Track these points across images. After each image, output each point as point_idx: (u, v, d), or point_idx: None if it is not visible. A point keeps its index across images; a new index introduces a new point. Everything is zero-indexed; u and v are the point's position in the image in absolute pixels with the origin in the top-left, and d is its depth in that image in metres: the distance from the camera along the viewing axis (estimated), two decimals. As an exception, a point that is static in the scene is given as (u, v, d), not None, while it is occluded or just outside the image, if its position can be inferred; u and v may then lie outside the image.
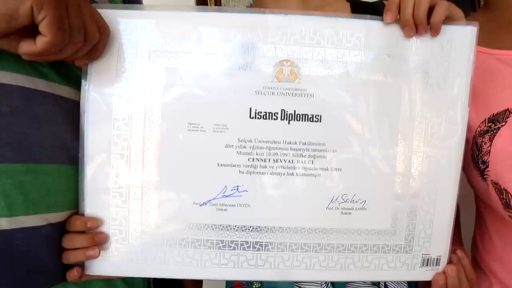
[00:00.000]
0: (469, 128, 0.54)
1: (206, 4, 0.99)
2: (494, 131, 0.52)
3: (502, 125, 0.51)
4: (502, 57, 0.55)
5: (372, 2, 0.68)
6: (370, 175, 0.47)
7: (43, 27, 0.35)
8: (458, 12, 0.47)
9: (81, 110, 0.45)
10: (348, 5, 0.65)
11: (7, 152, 0.39)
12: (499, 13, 0.60)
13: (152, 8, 0.47)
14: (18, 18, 0.34)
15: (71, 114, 0.45)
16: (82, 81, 0.45)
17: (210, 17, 0.45)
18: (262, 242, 0.47)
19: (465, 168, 0.58)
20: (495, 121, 0.52)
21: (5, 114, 0.40)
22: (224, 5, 1.00)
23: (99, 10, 0.43)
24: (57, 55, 0.39)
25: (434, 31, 0.46)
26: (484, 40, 0.59)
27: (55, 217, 0.43)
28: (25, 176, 0.40)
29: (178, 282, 0.63)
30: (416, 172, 0.47)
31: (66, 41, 0.38)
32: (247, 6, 0.97)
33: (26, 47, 0.37)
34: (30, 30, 0.36)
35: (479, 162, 0.53)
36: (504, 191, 0.51)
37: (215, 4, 0.99)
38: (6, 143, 0.39)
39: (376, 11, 0.63)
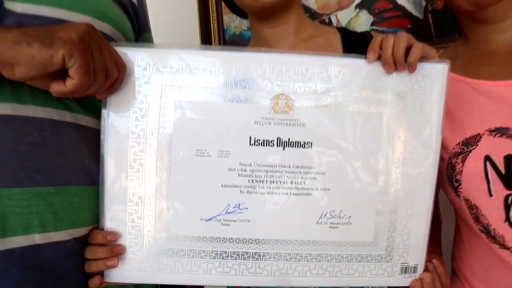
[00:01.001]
0: (445, 149, 0.61)
1: (210, 32, 1.06)
2: (466, 153, 0.58)
3: (474, 148, 0.58)
4: (476, 86, 0.62)
5: (360, 32, 0.74)
6: (355, 193, 0.53)
7: (72, 72, 0.42)
8: (431, 51, 0.53)
9: (101, 138, 0.51)
10: (338, 34, 0.71)
11: (39, 177, 0.45)
12: (475, 45, 0.67)
13: (163, 46, 0.53)
14: (52, 65, 0.41)
15: (92, 141, 0.51)
16: (102, 111, 0.51)
17: (214, 55, 0.52)
18: (260, 252, 0.54)
19: (443, 185, 0.64)
20: (468, 144, 0.59)
21: (37, 144, 0.46)
22: (226, 25, 1.06)
23: (117, 48, 0.49)
24: (82, 93, 0.45)
25: (411, 69, 0.52)
26: (462, 69, 0.66)
27: (79, 231, 0.50)
28: (55, 197, 0.46)
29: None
30: (395, 191, 0.54)
31: (91, 82, 0.44)
32: (248, 26, 1.03)
33: (57, 88, 0.43)
34: (60, 71, 0.42)
35: (453, 180, 0.60)
36: (474, 206, 0.58)
37: (217, 24, 1.05)
38: (38, 169, 0.46)
39: (363, 39, 0.70)
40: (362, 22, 1.00)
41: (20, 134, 0.45)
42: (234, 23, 1.06)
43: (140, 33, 0.69)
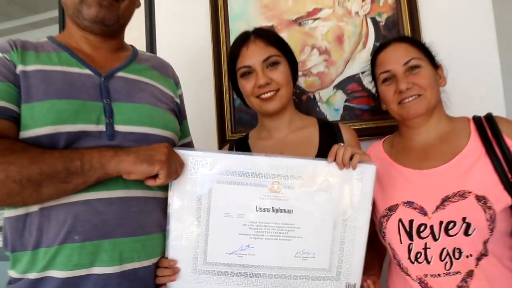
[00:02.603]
0: (378, 211, 0.97)
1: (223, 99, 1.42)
2: (389, 216, 0.94)
3: (393, 213, 0.93)
4: (399, 169, 0.98)
5: (331, 123, 1.10)
6: (317, 240, 0.89)
7: (161, 176, 0.77)
8: (366, 157, 0.88)
9: (168, 203, 0.86)
10: (317, 126, 1.07)
11: (139, 231, 0.81)
12: (403, 139, 1.03)
13: (204, 150, 0.88)
14: (151, 174, 0.76)
15: (163, 206, 0.87)
16: (169, 189, 0.86)
17: (236, 158, 0.87)
18: (260, 273, 0.89)
19: (378, 234, 1.00)
20: (390, 209, 0.94)
21: (137, 212, 0.82)
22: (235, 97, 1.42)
23: (177, 151, 0.85)
24: (163, 184, 0.81)
25: (353, 167, 0.87)
26: (394, 155, 1.02)
27: (156, 259, 0.85)
28: (146, 241, 0.82)
29: None
30: (343, 238, 0.89)
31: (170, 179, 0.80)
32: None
33: (151, 183, 0.79)
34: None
35: (382, 232, 0.96)
36: (392, 249, 0.94)
37: (229, 96, 1.42)
38: (138, 226, 0.81)
39: (333, 129, 1.06)
40: (338, 99, 1.36)
41: (128, 206, 0.81)
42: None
43: (181, 122, 1.05)
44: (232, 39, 1.43)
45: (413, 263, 0.89)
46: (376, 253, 1.05)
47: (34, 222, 0.76)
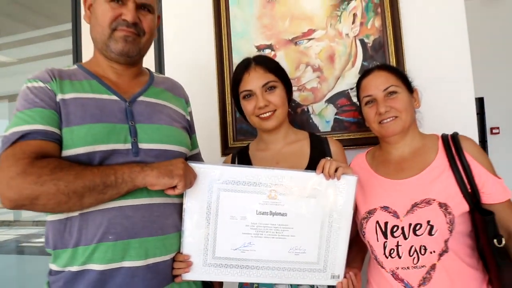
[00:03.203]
0: (359, 213, 1.14)
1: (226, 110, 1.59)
2: (368, 218, 1.11)
3: (372, 216, 1.11)
4: (378, 178, 1.15)
5: (321, 137, 1.26)
6: (308, 238, 1.06)
7: (179, 187, 0.94)
8: (349, 170, 1.05)
9: (183, 208, 1.03)
10: (308, 139, 1.24)
11: (159, 231, 0.98)
12: (382, 152, 1.20)
13: (212, 164, 1.05)
14: (170, 186, 0.93)
15: (179, 210, 1.04)
16: (184, 196, 1.03)
17: (239, 170, 1.04)
18: (259, 266, 1.06)
19: (359, 233, 1.17)
20: (369, 213, 1.12)
21: (158, 216, 0.99)
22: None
23: (190, 164, 1.02)
24: (180, 193, 0.98)
25: (338, 178, 1.04)
26: (375, 166, 1.19)
27: (173, 254, 1.03)
28: (165, 240, 0.99)
29: (210, 284, 1.20)
30: (329, 237, 1.07)
31: (186, 189, 0.97)
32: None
33: (170, 192, 0.96)
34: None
35: (362, 231, 1.13)
36: (371, 246, 1.12)
37: (232, 109, 1.58)
38: (159, 228, 0.98)
39: (322, 143, 1.23)
40: (329, 112, 1.53)
41: (152, 211, 0.98)
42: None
43: (190, 136, 1.21)
44: (235, 56, 1.60)
45: (387, 258, 1.07)
46: (359, 250, 1.22)
47: (74, 225, 0.93)
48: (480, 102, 4.81)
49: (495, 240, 0.97)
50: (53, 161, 0.87)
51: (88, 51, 1.75)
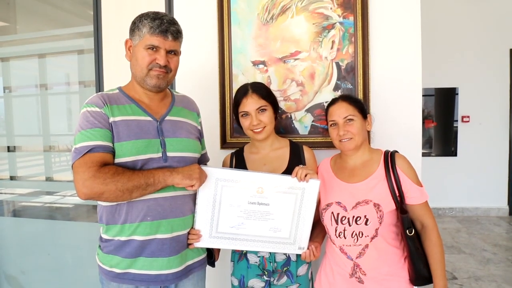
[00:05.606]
0: (321, 205, 1.59)
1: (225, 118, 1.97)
2: (326, 209, 1.56)
3: (329, 208, 1.56)
4: (336, 180, 1.59)
5: (298, 144, 1.68)
6: (283, 221, 1.51)
7: (195, 186, 1.37)
8: (315, 175, 1.48)
9: (196, 198, 1.46)
10: (289, 146, 1.66)
11: (180, 214, 1.42)
12: (341, 160, 1.63)
13: (216, 167, 1.47)
14: (190, 185, 1.36)
15: (193, 199, 1.47)
16: (197, 190, 1.45)
17: (237, 172, 1.46)
18: (248, 239, 1.52)
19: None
20: (328, 205, 1.56)
21: (181, 204, 1.42)
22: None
23: (203, 168, 1.44)
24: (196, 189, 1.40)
25: (307, 181, 1.47)
26: (335, 170, 1.62)
27: (188, 229, 1.47)
28: (185, 220, 1.44)
29: (211, 250, 1.66)
30: (298, 221, 1.52)
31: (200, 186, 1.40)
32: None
33: (189, 188, 1.39)
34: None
35: (322, 218, 1.59)
36: (327, 229, 1.58)
37: (230, 119, 1.97)
38: (180, 212, 1.42)
39: (299, 149, 1.65)
40: (308, 119, 1.94)
41: (176, 200, 1.41)
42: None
43: (200, 141, 1.62)
44: (234, 68, 1.97)
45: (337, 238, 1.53)
46: (321, 229, 1.68)
47: (122, 209, 1.35)
48: (452, 92, 5.25)
49: (407, 230, 1.43)
50: (112, 168, 1.27)
51: (107, 50, 2.08)
